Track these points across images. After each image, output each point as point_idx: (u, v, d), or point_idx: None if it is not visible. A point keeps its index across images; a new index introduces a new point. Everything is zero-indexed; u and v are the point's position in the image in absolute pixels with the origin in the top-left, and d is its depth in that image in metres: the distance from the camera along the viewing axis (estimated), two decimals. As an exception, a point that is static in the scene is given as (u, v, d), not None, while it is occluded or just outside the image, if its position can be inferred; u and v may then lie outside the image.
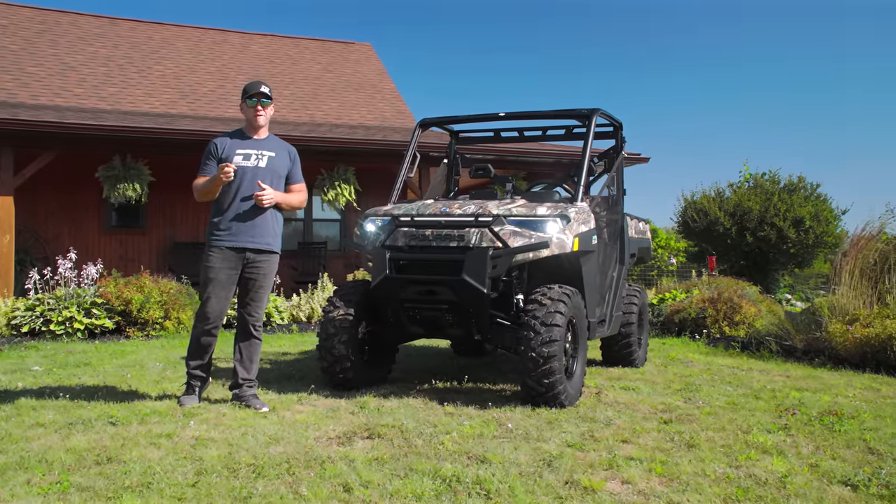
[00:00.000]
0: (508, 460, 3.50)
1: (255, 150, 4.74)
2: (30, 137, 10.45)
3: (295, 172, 4.93)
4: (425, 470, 3.32)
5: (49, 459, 3.43)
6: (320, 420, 4.31)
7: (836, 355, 6.94)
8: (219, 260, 4.65)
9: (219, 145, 4.75)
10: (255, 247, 4.68)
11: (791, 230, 13.68)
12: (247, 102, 4.78)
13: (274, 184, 4.75)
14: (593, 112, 5.70)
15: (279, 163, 4.81)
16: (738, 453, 3.64)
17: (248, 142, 4.79)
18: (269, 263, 4.78)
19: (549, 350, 4.59)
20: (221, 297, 4.68)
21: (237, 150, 4.71)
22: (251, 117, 4.79)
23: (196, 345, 4.75)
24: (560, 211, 5.02)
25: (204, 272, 4.70)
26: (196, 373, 4.77)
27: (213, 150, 4.75)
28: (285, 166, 4.85)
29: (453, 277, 4.80)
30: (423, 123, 6.33)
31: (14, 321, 8.54)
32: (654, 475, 3.30)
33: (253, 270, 4.71)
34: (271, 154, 4.78)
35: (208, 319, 4.67)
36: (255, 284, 4.73)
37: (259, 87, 4.78)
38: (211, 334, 4.72)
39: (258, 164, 4.71)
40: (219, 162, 4.67)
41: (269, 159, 4.75)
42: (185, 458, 3.49)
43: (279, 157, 4.82)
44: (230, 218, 4.66)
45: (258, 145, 4.78)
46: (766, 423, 4.31)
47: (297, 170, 4.94)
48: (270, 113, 4.88)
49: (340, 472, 3.30)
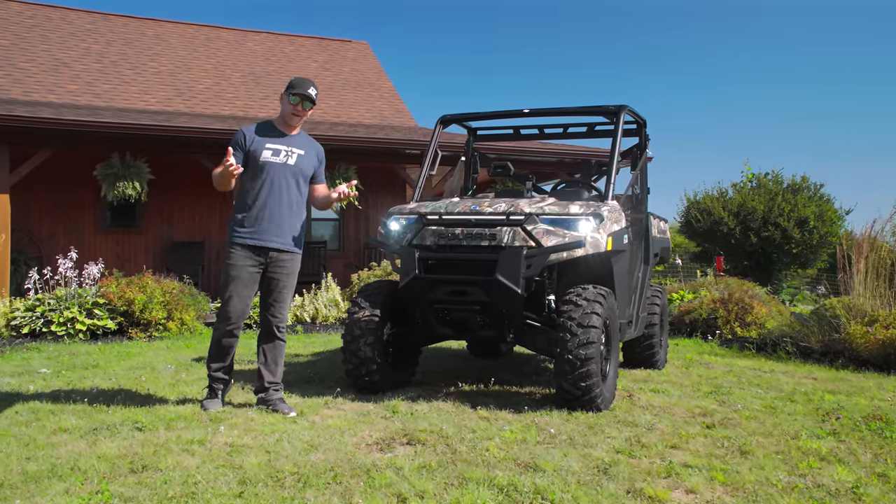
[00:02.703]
0: (561, 467, 3.36)
1: (286, 147, 4.56)
2: (26, 134, 10.21)
3: (320, 173, 4.78)
4: (479, 479, 3.18)
5: (82, 467, 3.26)
6: (354, 425, 4.15)
7: (856, 357, 6.87)
8: (241, 258, 4.47)
9: (247, 136, 4.54)
10: (279, 246, 4.51)
11: (795, 230, 13.65)
12: (290, 98, 4.56)
13: (299, 182, 4.60)
14: (621, 109, 5.58)
15: (307, 161, 4.64)
16: (796, 460, 3.53)
17: (280, 138, 4.60)
18: (293, 263, 4.63)
19: (587, 352, 4.46)
20: (244, 296, 4.50)
21: (266, 145, 4.52)
22: (288, 114, 4.58)
23: (217, 346, 4.57)
24: (593, 209, 4.90)
25: (225, 270, 4.51)
26: (218, 375, 4.60)
27: (240, 139, 4.54)
28: (312, 165, 4.69)
29: (487, 277, 4.67)
30: (444, 120, 6.18)
31: (14, 322, 8.32)
32: (718, 484, 3.18)
33: (277, 270, 4.54)
34: (301, 152, 4.61)
35: (230, 319, 4.49)
36: (278, 285, 4.57)
37: (307, 89, 4.56)
38: (233, 335, 4.55)
39: (287, 160, 4.54)
40: (245, 154, 4.49)
41: (298, 157, 4.59)
42: (225, 466, 3.33)
43: (308, 155, 4.65)
44: (255, 216, 4.48)
45: (289, 142, 4.60)
46: (812, 428, 4.20)
47: (322, 170, 4.80)
48: (308, 114, 4.71)
49: (391, 481, 3.15)
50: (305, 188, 4.67)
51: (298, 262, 4.68)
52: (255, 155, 4.48)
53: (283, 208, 4.51)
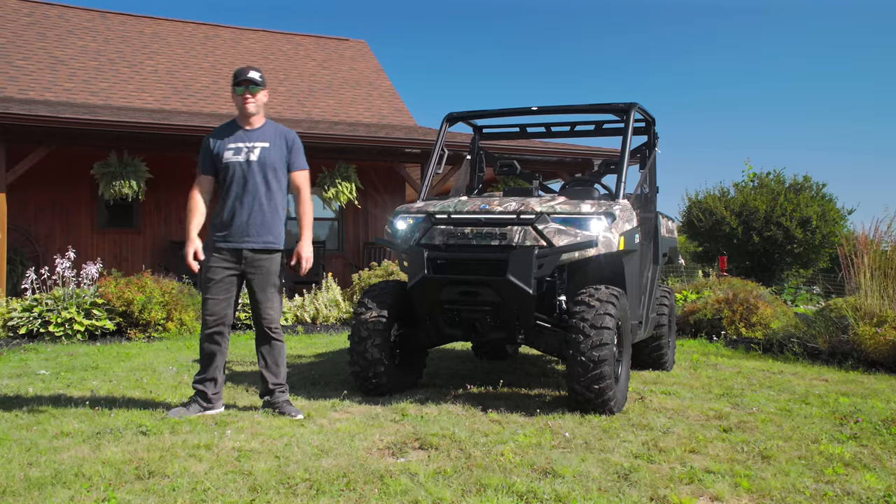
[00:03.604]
0: (580, 473, 3.27)
1: (246, 143, 4.38)
2: (22, 133, 10.09)
3: (295, 160, 4.51)
4: (496, 485, 3.09)
5: (86, 473, 3.16)
6: (363, 429, 4.06)
7: (866, 358, 6.79)
8: (215, 261, 4.35)
9: (212, 141, 4.44)
10: (251, 247, 4.34)
11: (798, 230, 13.59)
12: (235, 90, 4.41)
13: (269, 177, 4.37)
14: (631, 106, 5.49)
15: (274, 153, 4.40)
16: (820, 466, 3.44)
17: (240, 134, 4.42)
18: (270, 261, 4.40)
19: (600, 354, 4.38)
20: (220, 299, 4.36)
21: (228, 145, 4.38)
22: (240, 106, 4.42)
23: (201, 353, 4.44)
24: (605, 209, 4.81)
25: (202, 274, 4.41)
26: (198, 387, 4.41)
27: (206, 146, 4.45)
28: (280, 155, 4.43)
29: (497, 278, 4.57)
30: (451, 118, 6.08)
31: (11, 322, 8.20)
32: (743, 490, 3.08)
33: (253, 271, 4.36)
34: (264, 145, 4.39)
35: (207, 323, 4.37)
36: (258, 284, 4.37)
37: (247, 73, 4.38)
38: (213, 341, 4.37)
39: (249, 157, 4.35)
40: (212, 160, 4.41)
41: (261, 151, 4.37)
42: (234, 472, 3.23)
43: (274, 146, 4.41)
44: (224, 218, 4.36)
45: (249, 137, 4.41)
46: (831, 432, 4.12)
47: (297, 156, 4.52)
48: (262, 99, 4.46)
49: (406, 487, 3.06)
50: (278, 181, 4.44)
51: (277, 260, 4.44)
52: (220, 157, 4.38)
53: (252, 207, 4.34)
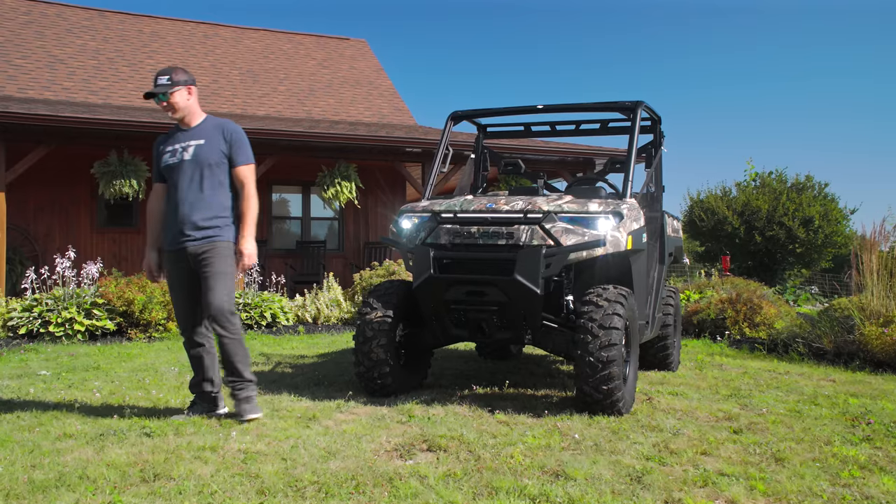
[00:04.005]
0: (592, 476, 3.23)
1: (181, 144, 4.26)
2: (21, 132, 10.02)
3: (235, 154, 4.24)
4: (508, 488, 3.04)
5: (91, 476, 3.11)
6: (370, 430, 4.01)
7: (872, 358, 6.75)
8: (168, 264, 4.31)
9: (155, 149, 4.37)
10: (191, 243, 4.18)
11: (801, 230, 13.55)
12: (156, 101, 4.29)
13: (203, 174, 4.18)
14: (637, 105, 5.44)
15: (209, 149, 4.20)
16: (835, 469, 3.39)
17: (177, 135, 4.31)
18: (214, 252, 4.16)
19: (609, 354, 4.33)
20: (180, 300, 4.30)
21: (166, 149, 4.29)
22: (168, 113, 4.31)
23: (188, 358, 4.39)
24: (612, 207, 4.76)
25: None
26: (195, 390, 4.36)
27: (154, 153, 4.39)
28: (217, 151, 4.20)
29: (505, 277, 4.52)
30: (455, 116, 6.03)
31: (10, 323, 8.14)
32: (759, 494, 3.04)
33: (200, 265, 4.19)
34: (199, 142, 4.21)
35: (179, 327, 4.34)
36: (204, 275, 4.17)
37: (154, 83, 4.21)
38: (193, 343, 4.28)
39: (183, 157, 4.22)
40: (158, 166, 4.35)
41: (195, 149, 4.21)
42: (240, 474, 3.18)
43: (210, 142, 4.21)
44: (168, 221, 4.30)
45: (185, 137, 4.27)
46: (844, 434, 4.07)
47: (237, 151, 4.25)
48: (182, 100, 4.22)
49: (416, 490, 3.01)
50: (216, 177, 4.21)
51: (222, 250, 4.18)
52: (160, 163, 4.32)
53: (188, 206, 4.19)
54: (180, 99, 4.22)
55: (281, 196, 14.47)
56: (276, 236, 14.16)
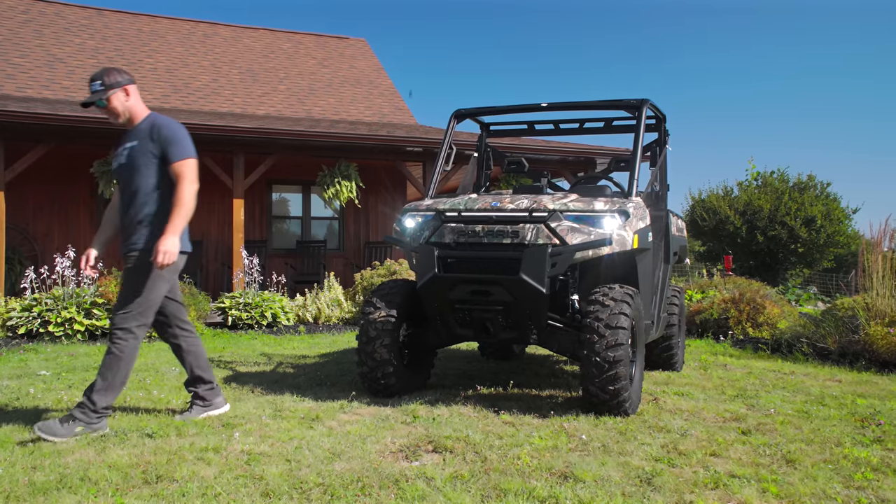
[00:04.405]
0: (601, 477, 3.18)
1: (122, 146, 4.07)
2: (21, 131, 9.96)
3: (170, 151, 3.95)
4: (516, 490, 2.99)
5: (92, 477, 3.06)
6: (374, 431, 3.96)
7: (878, 358, 6.71)
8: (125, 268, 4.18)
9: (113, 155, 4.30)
10: (126, 250, 4.07)
11: (803, 229, 13.51)
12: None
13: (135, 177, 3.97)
14: (643, 103, 5.40)
15: (139, 150, 3.97)
16: (848, 471, 3.34)
17: (123, 138, 4.16)
18: (135, 260, 4.00)
19: (615, 354, 4.28)
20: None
21: (116, 153, 4.15)
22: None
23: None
24: (619, 206, 4.72)
25: None
26: (190, 390, 4.35)
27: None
28: (146, 151, 3.95)
29: (510, 276, 4.47)
30: (458, 114, 5.98)
31: (10, 322, 8.08)
32: (772, 496, 2.99)
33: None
34: (133, 143, 4.01)
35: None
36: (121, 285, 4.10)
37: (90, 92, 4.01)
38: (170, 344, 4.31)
39: (120, 160, 4.06)
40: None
41: (129, 151, 4.01)
42: (244, 476, 3.13)
43: (141, 143, 3.98)
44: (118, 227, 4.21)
45: (126, 139, 4.09)
46: (854, 435, 4.02)
47: (171, 147, 3.95)
48: (121, 103, 4.01)
49: (423, 492, 2.96)
50: (145, 179, 3.98)
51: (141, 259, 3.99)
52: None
53: (124, 210, 4.09)
54: (118, 103, 4.01)
55: (281, 195, 14.42)
56: (277, 236, 14.11)
